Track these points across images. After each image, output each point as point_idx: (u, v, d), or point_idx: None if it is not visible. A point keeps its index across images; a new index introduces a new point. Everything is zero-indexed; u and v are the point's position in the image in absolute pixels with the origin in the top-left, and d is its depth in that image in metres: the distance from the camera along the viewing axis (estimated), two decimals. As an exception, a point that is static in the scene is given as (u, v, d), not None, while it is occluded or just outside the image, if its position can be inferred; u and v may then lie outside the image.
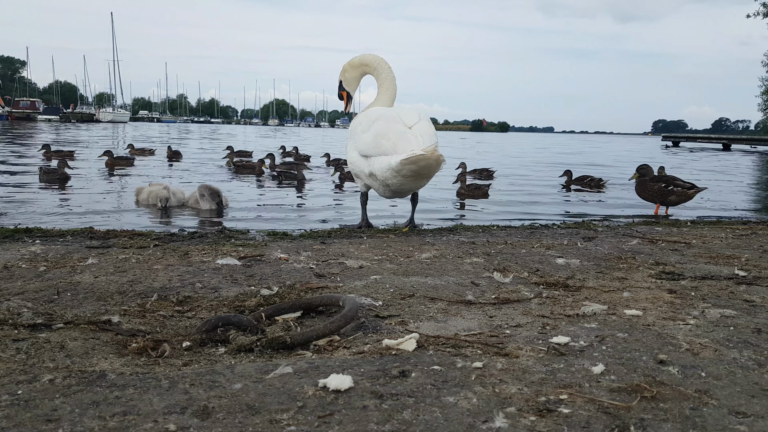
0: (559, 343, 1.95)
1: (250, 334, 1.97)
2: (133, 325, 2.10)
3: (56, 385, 1.55)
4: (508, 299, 2.52)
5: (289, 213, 6.76)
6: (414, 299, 2.50)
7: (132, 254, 3.27)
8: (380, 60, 5.00)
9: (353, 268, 3.08)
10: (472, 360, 1.78)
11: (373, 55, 5.02)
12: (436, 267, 3.17)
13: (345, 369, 1.69)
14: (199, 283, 2.68)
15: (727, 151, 43.13)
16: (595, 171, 13.57)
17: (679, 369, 1.76)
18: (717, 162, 24.09)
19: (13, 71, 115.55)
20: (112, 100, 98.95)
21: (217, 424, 1.36)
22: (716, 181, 13.79)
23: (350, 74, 5.08)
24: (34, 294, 2.41)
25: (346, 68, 5.07)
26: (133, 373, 1.66)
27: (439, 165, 4.25)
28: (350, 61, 5.07)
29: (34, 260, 3.03)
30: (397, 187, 4.43)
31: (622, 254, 3.67)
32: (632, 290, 2.73)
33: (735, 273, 3.15)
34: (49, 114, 73.16)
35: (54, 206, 6.84)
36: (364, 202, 5.07)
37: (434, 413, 1.43)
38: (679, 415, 1.45)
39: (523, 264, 3.30)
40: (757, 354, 1.91)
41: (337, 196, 8.60)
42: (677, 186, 7.28)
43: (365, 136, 4.49)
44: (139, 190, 7.27)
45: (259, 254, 3.34)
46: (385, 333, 2.05)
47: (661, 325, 2.19)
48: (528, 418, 1.42)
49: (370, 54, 5.06)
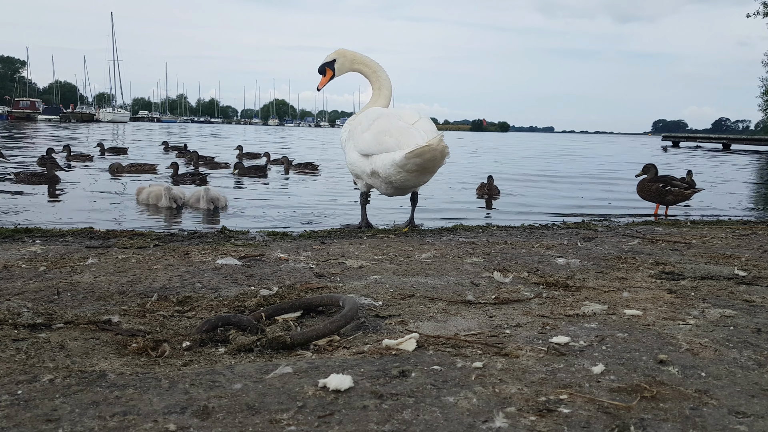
0: (559, 343, 1.95)
1: (250, 334, 1.97)
2: (133, 325, 2.10)
3: (56, 385, 1.55)
4: (508, 299, 2.52)
5: (289, 213, 6.76)
6: (414, 299, 2.50)
7: (132, 254, 3.27)
8: (378, 64, 5.06)
9: (353, 268, 3.08)
10: (472, 360, 1.78)
11: (375, 63, 5.07)
12: (436, 267, 3.17)
13: (345, 369, 1.69)
14: (199, 283, 2.68)
15: (727, 150, 43.18)
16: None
17: (679, 369, 1.76)
18: (717, 162, 24.09)
19: (13, 71, 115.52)
20: (112, 100, 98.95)
21: (217, 424, 1.36)
22: (716, 181, 13.79)
23: (345, 64, 5.10)
24: (34, 294, 2.41)
25: (345, 54, 5.08)
26: (133, 373, 1.66)
27: (443, 158, 4.25)
28: (350, 54, 5.07)
29: (34, 260, 3.03)
30: (400, 183, 4.42)
31: (622, 254, 3.67)
32: (632, 290, 2.73)
33: (735, 273, 3.15)
34: (49, 114, 73.13)
35: (54, 206, 6.84)
36: (363, 203, 5.07)
37: (434, 413, 1.43)
38: (679, 415, 1.45)
39: (523, 264, 3.30)
40: (757, 354, 1.91)
41: (337, 197, 8.60)
42: (674, 186, 7.30)
43: (366, 135, 4.49)
44: (139, 190, 7.28)
45: (259, 254, 3.34)
46: (385, 333, 2.05)
47: (661, 325, 2.19)
48: (528, 418, 1.42)
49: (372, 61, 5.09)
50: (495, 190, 8.83)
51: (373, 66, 5.05)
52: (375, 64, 5.05)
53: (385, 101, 4.98)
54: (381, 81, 5.02)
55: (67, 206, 6.85)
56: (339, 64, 5.08)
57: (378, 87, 5.02)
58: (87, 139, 26.46)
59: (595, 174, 13.25)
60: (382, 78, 5.02)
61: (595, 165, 19.05)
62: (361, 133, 4.55)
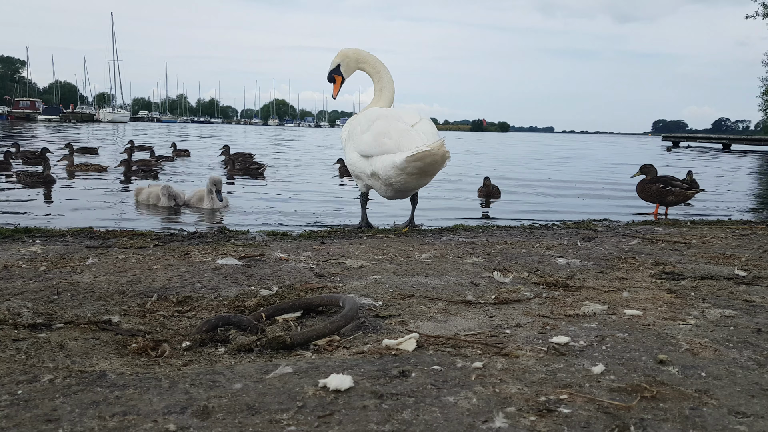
0: (559, 343, 1.95)
1: (250, 334, 1.97)
2: (133, 325, 2.10)
3: (56, 385, 1.55)
4: (508, 299, 2.52)
5: (289, 213, 6.76)
6: (414, 299, 2.50)
7: (132, 254, 3.27)
8: (381, 62, 5.03)
9: (353, 268, 3.08)
10: (472, 360, 1.78)
11: (374, 56, 5.04)
12: (436, 267, 3.17)
13: (345, 369, 1.69)
14: (199, 283, 2.68)
15: (727, 150, 43.19)
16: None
17: (679, 369, 1.76)
18: (717, 162, 24.09)
19: (13, 71, 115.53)
20: (112, 100, 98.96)
21: (217, 424, 1.36)
22: (716, 181, 13.79)
23: (351, 64, 5.07)
24: (34, 294, 2.41)
25: (348, 55, 5.04)
26: (133, 373, 1.66)
27: (444, 161, 4.24)
28: (353, 52, 5.03)
29: (34, 260, 3.03)
30: (400, 185, 4.41)
31: (622, 254, 3.67)
32: (632, 290, 2.73)
33: (735, 273, 3.15)
34: (49, 114, 73.14)
35: (54, 206, 6.84)
36: (364, 203, 5.07)
37: (434, 413, 1.43)
38: (679, 415, 1.45)
39: (523, 264, 3.30)
40: (757, 354, 1.91)
41: (337, 197, 8.60)
42: (675, 186, 7.29)
43: (365, 136, 4.48)
44: (138, 190, 7.28)
45: (259, 254, 3.34)
46: (385, 333, 2.05)
47: (661, 325, 2.19)
48: (528, 418, 1.42)
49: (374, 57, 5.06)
50: (495, 191, 8.83)
51: (376, 66, 5.01)
52: (379, 64, 5.01)
53: (387, 103, 4.96)
54: (383, 82, 4.99)
55: (66, 206, 6.85)
56: (344, 66, 5.05)
57: (380, 88, 5.00)
58: (87, 139, 26.45)
59: (599, 179, 13.22)
60: (385, 79, 4.99)
61: (598, 167, 19.03)
62: (361, 133, 4.54)
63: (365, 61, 5.04)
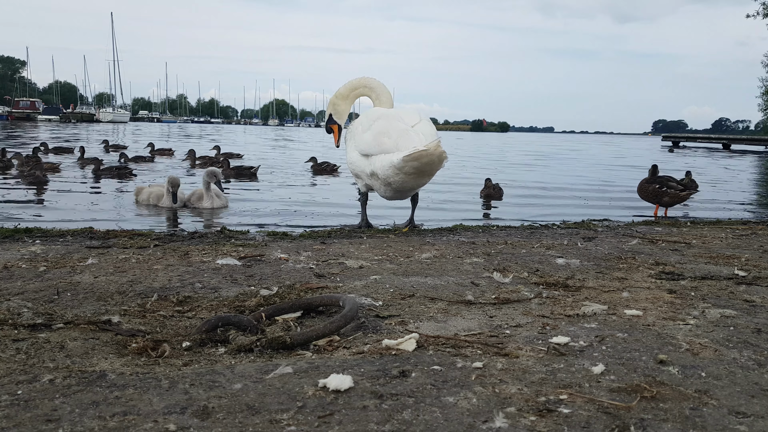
0: (559, 343, 1.95)
1: (250, 334, 1.97)
2: (133, 325, 2.10)
3: (56, 385, 1.55)
4: (508, 299, 2.52)
5: (289, 213, 6.76)
6: (414, 299, 2.50)
7: (132, 254, 3.27)
8: (379, 82, 5.04)
9: (353, 268, 3.08)
10: (472, 360, 1.78)
11: (371, 78, 5.05)
12: (436, 267, 3.17)
13: (345, 369, 1.69)
14: (199, 283, 2.68)
15: (727, 150, 43.19)
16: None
17: (679, 369, 1.76)
18: (717, 161, 24.09)
19: (13, 71, 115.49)
20: (112, 100, 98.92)
21: (217, 424, 1.36)
22: (716, 181, 13.79)
23: (342, 106, 5.10)
24: (34, 294, 2.41)
25: (336, 101, 5.08)
26: (133, 373, 1.66)
27: (441, 162, 4.26)
28: (337, 97, 5.06)
29: (34, 260, 3.03)
30: (398, 185, 4.42)
31: (622, 254, 3.67)
32: (632, 290, 2.73)
33: (735, 273, 3.15)
34: (49, 114, 73.10)
35: (54, 206, 6.83)
36: (364, 203, 5.08)
37: (434, 413, 1.43)
38: (679, 415, 1.45)
39: (523, 264, 3.30)
40: (757, 354, 1.91)
41: (337, 197, 8.60)
42: (671, 187, 7.30)
43: (366, 135, 4.50)
44: (138, 190, 7.27)
45: (259, 254, 3.34)
46: (385, 333, 2.05)
47: (661, 325, 2.19)
48: (528, 418, 1.42)
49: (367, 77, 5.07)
50: (497, 192, 8.83)
51: (362, 82, 5.04)
52: (375, 83, 5.02)
53: (387, 106, 4.99)
54: (377, 92, 5.01)
55: (66, 206, 6.85)
56: (337, 114, 5.09)
57: (376, 97, 5.03)
58: (87, 139, 26.44)
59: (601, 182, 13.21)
60: (377, 88, 5.00)
61: (598, 167, 19.02)
62: (362, 133, 4.57)
63: (351, 89, 5.07)
